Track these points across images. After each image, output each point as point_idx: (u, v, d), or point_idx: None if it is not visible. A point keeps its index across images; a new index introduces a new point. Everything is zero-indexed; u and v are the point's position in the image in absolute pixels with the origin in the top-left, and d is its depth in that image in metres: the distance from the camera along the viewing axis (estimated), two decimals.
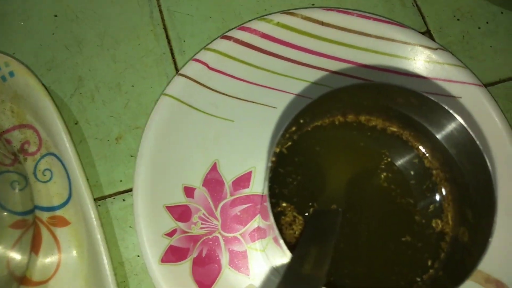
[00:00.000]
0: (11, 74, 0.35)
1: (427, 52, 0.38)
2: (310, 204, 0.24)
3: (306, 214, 0.23)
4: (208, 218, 0.35)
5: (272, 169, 0.21)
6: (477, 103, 0.37)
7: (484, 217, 0.20)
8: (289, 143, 0.25)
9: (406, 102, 0.23)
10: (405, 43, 0.38)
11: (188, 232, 0.34)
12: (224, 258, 0.34)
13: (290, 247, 0.20)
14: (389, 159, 0.25)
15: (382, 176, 0.25)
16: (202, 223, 0.35)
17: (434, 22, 0.42)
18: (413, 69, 0.38)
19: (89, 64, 0.39)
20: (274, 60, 0.38)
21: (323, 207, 0.24)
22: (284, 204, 0.24)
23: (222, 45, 0.37)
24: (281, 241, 0.19)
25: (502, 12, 0.42)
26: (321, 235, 0.20)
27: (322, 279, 0.17)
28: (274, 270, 0.33)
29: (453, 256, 0.22)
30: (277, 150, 0.21)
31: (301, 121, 0.23)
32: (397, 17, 0.41)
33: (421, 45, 0.38)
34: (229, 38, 0.37)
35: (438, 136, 0.23)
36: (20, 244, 0.32)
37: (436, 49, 0.38)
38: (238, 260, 0.34)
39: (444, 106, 0.22)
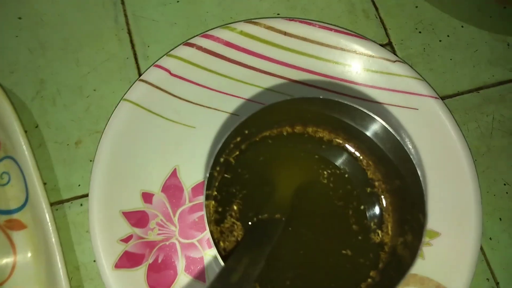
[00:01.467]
0: None
1: (386, 64, 0.39)
2: (255, 213, 0.24)
3: (250, 223, 0.24)
4: (165, 224, 0.35)
5: (211, 178, 0.21)
6: (433, 115, 0.38)
7: (417, 226, 0.21)
8: (237, 153, 0.25)
9: (347, 114, 0.23)
10: (365, 55, 0.39)
11: (144, 238, 0.34)
12: (180, 264, 0.34)
13: (228, 253, 0.20)
14: (334, 170, 0.26)
15: (326, 186, 0.25)
16: (159, 229, 0.35)
17: (396, 34, 0.43)
18: (372, 80, 0.39)
19: (51, 67, 0.39)
20: (237, 68, 0.38)
21: (267, 216, 0.24)
22: (228, 213, 0.24)
23: (184, 51, 0.38)
24: (215, 251, 0.19)
25: (462, 26, 0.44)
26: (257, 244, 0.20)
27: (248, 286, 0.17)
28: None
29: (391, 264, 0.22)
30: (222, 159, 0.21)
31: (246, 131, 0.24)
32: (359, 29, 0.42)
33: (380, 57, 0.39)
34: (192, 45, 0.38)
35: (384, 150, 0.24)
36: None
37: (394, 61, 0.39)
38: (195, 267, 0.34)
39: (371, 114, 0.23)
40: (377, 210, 0.25)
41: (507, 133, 0.40)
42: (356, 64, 0.39)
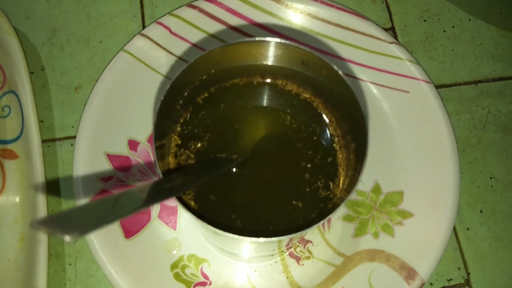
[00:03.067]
0: None
1: (382, 44, 0.39)
2: (214, 152, 0.25)
3: (207, 159, 0.25)
4: (147, 172, 0.36)
5: (165, 106, 0.22)
6: (423, 99, 0.38)
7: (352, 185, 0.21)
8: (205, 95, 0.26)
9: (315, 66, 0.24)
10: (363, 33, 0.39)
11: (124, 182, 0.36)
12: (155, 210, 0.35)
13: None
14: (297, 123, 0.26)
15: (288, 137, 0.26)
16: (140, 175, 0.36)
17: (400, 20, 0.43)
18: (367, 60, 0.39)
19: (64, 18, 0.42)
20: (234, 34, 0.40)
21: (225, 156, 0.25)
22: (189, 149, 0.25)
23: (187, 12, 0.39)
24: (157, 165, 0.21)
25: (469, 19, 0.43)
26: (202, 168, 0.21)
27: (174, 193, 0.18)
28: (200, 229, 0.35)
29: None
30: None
31: (212, 71, 0.25)
32: (365, 11, 0.42)
33: (377, 38, 0.39)
34: (194, 7, 0.39)
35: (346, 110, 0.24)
36: None
37: (391, 42, 0.39)
38: (168, 215, 0.36)
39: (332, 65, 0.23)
40: (333, 163, 0.25)
41: (501, 128, 0.40)
42: (353, 42, 0.39)
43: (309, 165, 0.25)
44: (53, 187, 0.36)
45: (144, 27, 0.41)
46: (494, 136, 0.39)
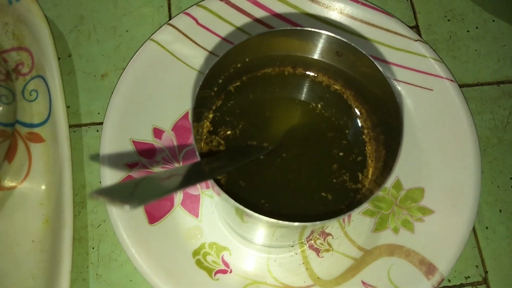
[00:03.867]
0: None
1: (407, 42, 0.39)
2: (245, 140, 0.26)
3: (239, 146, 0.25)
4: (170, 160, 0.37)
5: (203, 96, 0.23)
6: (447, 97, 0.38)
7: (385, 177, 0.22)
8: (238, 83, 0.27)
9: (349, 56, 0.25)
10: (388, 30, 0.39)
11: (148, 168, 0.36)
12: (178, 197, 0.36)
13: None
14: (328, 114, 0.27)
15: (318, 127, 0.26)
16: (164, 163, 0.37)
17: (424, 19, 0.43)
18: (391, 57, 0.39)
19: (92, 5, 0.42)
20: (260, 27, 0.40)
21: (256, 143, 0.26)
22: (220, 136, 0.26)
23: (214, 4, 0.40)
24: (195, 147, 0.21)
25: (493, 20, 0.43)
26: (236, 154, 0.22)
27: (212, 175, 0.19)
28: (220, 216, 0.35)
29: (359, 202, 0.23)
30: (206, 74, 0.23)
31: (246, 59, 0.25)
32: (389, 9, 0.43)
33: (402, 35, 0.39)
34: None
35: (378, 103, 0.25)
36: None
37: (416, 40, 0.39)
38: (191, 202, 0.36)
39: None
40: (362, 155, 0.26)
41: None
42: (378, 38, 0.39)
43: (338, 156, 0.26)
44: (78, 171, 0.37)
45: (170, 18, 0.42)
46: None
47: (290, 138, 0.26)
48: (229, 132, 0.26)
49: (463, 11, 0.44)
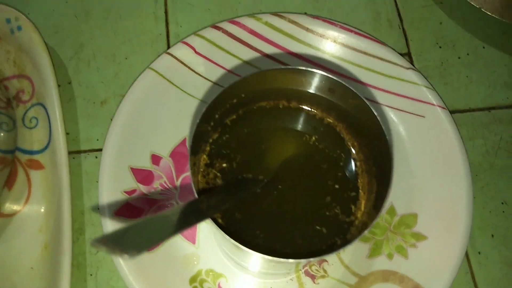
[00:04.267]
0: (19, 28, 0.39)
1: (399, 70, 0.40)
2: (240, 172, 0.26)
3: (234, 179, 0.26)
4: (168, 186, 0.38)
5: (201, 131, 0.23)
6: (438, 124, 0.39)
7: (377, 210, 0.22)
8: (234, 117, 0.27)
9: (341, 93, 0.25)
10: (381, 59, 0.40)
11: (146, 195, 0.37)
12: None
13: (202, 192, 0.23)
14: (321, 146, 0.27)
15: (311, 160, 0.27)
16: (161, 189, 0.37)
17: (416, 46, 0.44)
18: (384, 84, 0.40)
19: (92, 33, 0.43)
20: (257, 55, 0.41)
21: (251, 176, 0.26)
22: (216, 169, 0.26)
23: (211, 33, 0.41)
24: (192, 184, 0.22)
25: (484, 47, 0.44)
26: (232, 189, 0.23)
27: (210, 214, 0.19)
28: (218, 244, 0.36)
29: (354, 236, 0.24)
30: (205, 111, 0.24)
31: (242, 95, 0.26)
32: (381, 36, 0.44)
33: (395, 63, 0.40)
34: (219, 28, 0.41)
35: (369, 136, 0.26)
36: None
37: (408, 68, 0.40)
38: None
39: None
40: (354, 187, 0.26)
41: None
42: (371, 66, 0.40)
43: (332, 188, 0.26)
44: (77, 198, 0.37)
45: (169, 46, 0.43)
46: (506, 162, 0.40)
47: (285, 170, 0.27)
48: (225, 165, 0.27)
49: (454, 38, 0.45)
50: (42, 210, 0.37)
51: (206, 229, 0.37)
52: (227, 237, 0.21)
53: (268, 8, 0.45)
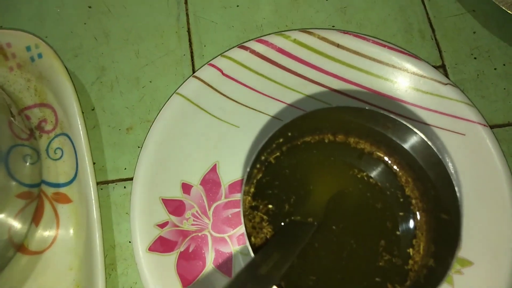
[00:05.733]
0: (40, 55, 0.38)
1: (437, 86, 0.38)
2: (288, 214, 0.25)
3: (282, 223, 0.24)
4: (200, 216, 0.36)
5: (251, 175, 0.22)
6: (480, 142, 0.37)
7: (448, 252, 0.21)
8: (277, 154, 0.26)
9: (393, 128, 0.24)
10: (417, 74, 0.39)
11: (179, 227, 0.36)
12: (210, 256, 0.35)
13: (258, 249, 0.21)
14: (371, 183, 0.26)
15: (362, 198, 0.26)
16: (194, 220, 0.36)
17: (450, 58, 0.42)
18: (420, 100, 0.38)
19: (113, 56, 0.41)
20: (286, 75, 0.39)
21: (300, 219, 0.25)
22: (262, 211, 0.25)
23: (238, 54, 0.39)
24: (248, 244, 0.20)
25: None
26: (287, 243, 0.21)
27: (274, 281, 0.18)
28: None
29: (417, 284, 0.22)
30: (263, 157, 0.22)
31: (289, 134, 0.24)
32: (414, 48, 0.42)
33: (431, 79, 0.38)
34: (245, 48, 0.39)
35: (425, 171, 0.24)
36: (23, 213, 0.35)
37: (446, 84, 0.38)
38: (223, 261, 0.35)
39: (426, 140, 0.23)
40: (411, 227, 0.25)
41: None
42: (406, 82, 0.39)
43: (385, 229, 0.25)
44: (107, 231, 0.36)
45: (193, 67, 0.41)
46: None
47: (335, 210, 0.25)
48: (270, 206, 0.25)
49: (489, 48, 0.43)
50: (72, 246, 0.35)
51: (242, 261, 0.35)
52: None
53: (294, 22, 0.43)
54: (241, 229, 0.36)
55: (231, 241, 0.36)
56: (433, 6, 0.44)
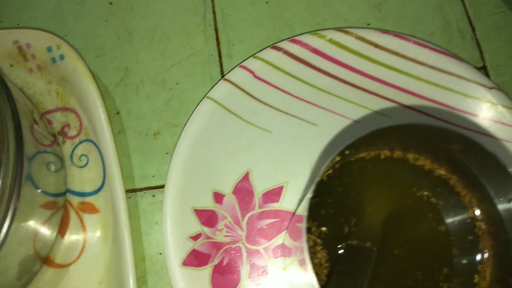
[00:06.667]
0: (61, 57, 0.36)
1: (481, 90, 0.36)
2: (343, 237, 0.23)
3: (340, 249, 0.23)
4: (233, 227, 0.34)
5: (312, 200, 0.20)
6: None
7: None
8: (330, 171, 0.24)
9: (461, 149, 0.22)
10: (460, 77, 0.37)
11: (212, 238, 0.34)
12: (244, 270, 0.34)
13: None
14: (433, 202, 0.24)
15: (421, 219, 0.24)
16: (227, 231, 0.34)
17: (491, 59, 0.40)
18: (463, 105, 0.36)
19: (137, 56, 0.39)
20: (321, 77, 0.37)
21: (357, 243, 0.23)
22: (315, 234, 0.23)
23: (271, 55, 0.37)
24: (314, 279, 0.19)
25: None
26: (354, 273, 0.19)
27: None
28: None
29: None
30: (319, 179, 0.20)
31: (347, 152, 0.23)
32: (453, 48, 0.40)
33: (476, 82, 0.36)
34: (279, 49, 0.37)
35: (491, 192, 0.22)
36: (48, 224, 0.33)
37: (491, 88, 0.36)
38: (258, 275, 0.34)
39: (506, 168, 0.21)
40: (476, 252, 0.23)
41: None
42: (449, 85, 0.37)
43: (449, 255, 0.23)
44: (136, 242, 0.35)
45: (222, 67, 0.39)
46: None
47: (394, 233, 0.24)
48: (324, 229, 0.23)
49: None
50: (101, 259, 0.34)
51: (278, 275, 0.34)
52: None
53: (327, 20, 0.41)
54: (276, 241, 0.35)
55: (266, 253, 0.34)
56: (472, 3, 0.41)
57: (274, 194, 0.35)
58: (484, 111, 0.36)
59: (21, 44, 0.36)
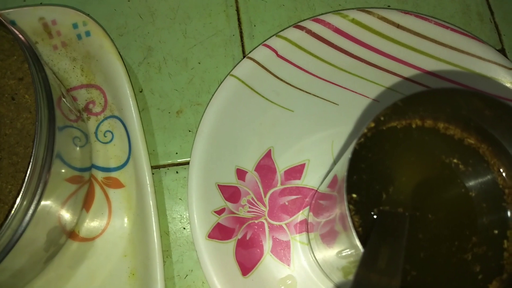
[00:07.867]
0: (87, 33, 0.36)
1: (501, 71, 0.37)
2: (374, 203, 0.24)
3: (372, 212, 0.23)
4: (256, 203, 0.35)
5: (351, 161, 0.21)
6: None
7: None
8: (362, 140, 0.24)
9: (493, 116, 0.22)
10: (480, 58, 0.37)
11: (235, 213, 0.34)
12: (267, 244, 0.34)
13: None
14: (461, 171, 0.24)
15: (452, 186, 0.24)
16: (249, 207, 0.35)
17: (510, 41, 0.40)
18: (484, 85, 0.37)
19: (159, 35, 0.40)
20: (343, 57, 0.38)
21: (389, 209, 0.23)
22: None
23: (294, 34, 0.37)
24: (354, 233, 0.19)
25: None
26: (391, 236, 0.20)
27: (397, 276, 0.17)
28: (315, 266, 0.33)
29: None
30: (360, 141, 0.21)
31: (382, 118, 0.23)
32: (472, 31, 0.40)
33: (496, 63, 0.37)
34: (301, 28, 0.37)
35: None
36: (73, 198, 0.33)
37: (511, 69, 0.37)
38: (281, 249, 0.34)
39: None
40: (505, 218, 0.24)
41: None
42: (469, 66, 0.37)
43: (479, 222, 0.24)
44: (160, 217, 0.35)
45: (243, 47, 0.39)
46: None
47: (425, 199, 0.24)
48: (354, 196, 0.24)
49: None
50: (126, 232, 0.34)
51: (301, 250, 0.34)
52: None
53: (348, 2, 0.41)
54: (298, 217, 0.35)
55: (288, 229, 0.35)
56: None
57: (296, 172, 0.36)
58: (505, 91, 0.36)
59: (47, 20, 0.37)
